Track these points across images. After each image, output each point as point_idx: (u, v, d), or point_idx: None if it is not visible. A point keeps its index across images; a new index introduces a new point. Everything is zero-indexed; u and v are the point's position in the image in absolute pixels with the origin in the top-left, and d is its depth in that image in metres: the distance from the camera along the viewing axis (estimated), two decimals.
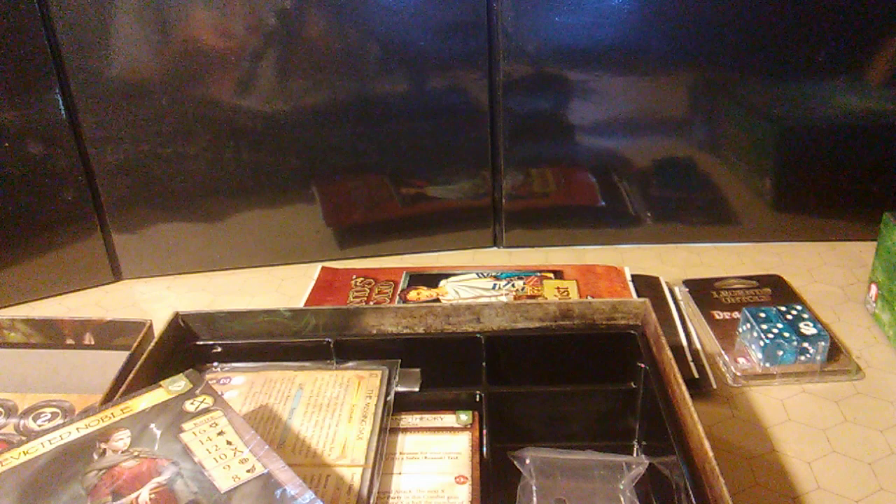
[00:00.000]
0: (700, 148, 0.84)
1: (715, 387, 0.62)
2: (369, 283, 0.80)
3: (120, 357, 0.57)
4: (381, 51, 0.78)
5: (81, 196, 0.79)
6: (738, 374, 0.63)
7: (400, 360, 0.57)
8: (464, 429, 0.54)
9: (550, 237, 0.89)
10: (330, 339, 0.59)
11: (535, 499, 0.48)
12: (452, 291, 0.77)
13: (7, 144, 0.74)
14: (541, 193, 0.87)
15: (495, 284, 0.78)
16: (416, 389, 0.56)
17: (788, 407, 0.60)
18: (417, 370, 0.57)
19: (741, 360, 0.65)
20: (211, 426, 0.47)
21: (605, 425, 0.55)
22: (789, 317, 0.65)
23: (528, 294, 0.75)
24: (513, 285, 0.77)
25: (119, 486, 0.43)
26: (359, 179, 0.85)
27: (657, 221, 0.88)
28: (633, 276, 0.79)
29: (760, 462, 0.54)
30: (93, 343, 0.64)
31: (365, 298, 0.77)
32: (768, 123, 0.83)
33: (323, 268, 0.85)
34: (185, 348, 0.59)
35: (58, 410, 0.58)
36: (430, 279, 0.80)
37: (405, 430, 0.54)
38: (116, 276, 0.86)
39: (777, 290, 0.76)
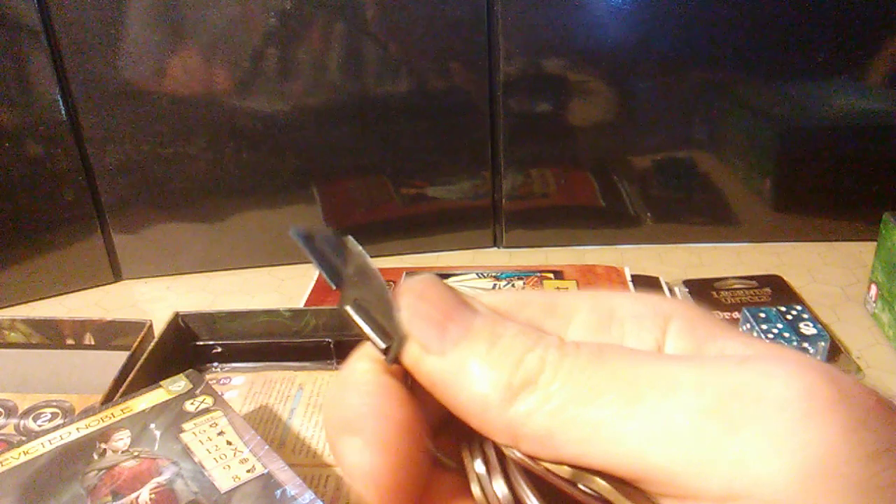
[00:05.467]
0: (700, 148, 0.84)
1: None
2: None
3: (120, 357, 0.57)
4: (381, 51, 0.78)
5: (81, 196, 0.79)
6: None
7: None
8: None
9: (550, 237, 0.89)
10: (330, 339, 0.59)
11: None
12: None
13: (7, 144, 0.74)
14: (541, 193, 0.87)
15: (495, 285, 0.78)
16: None
17: None
18: None
19: None
20: (211, 426, 0.47)
21: None
22: (789, 317, 0.65)
23: None
24: (513, 285, 0.77)
25: (119, 486, 0.43)
26: (359, 179, 0.85)
27: (657, 221, 0.88)
28: (633, 276, 0.79)
29: None
30: (93, 343, 0.64)
31: None
32: (768, 123, 0.83)
33: None
34: (185, 348, 0.59)
35: (58, 410, 0.58)
36: None
37: None
38: (116, 276, 0.86)
39: (777, 291, 0.76)
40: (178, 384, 0.51)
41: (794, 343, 0.62)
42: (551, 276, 0.79)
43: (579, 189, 0.87)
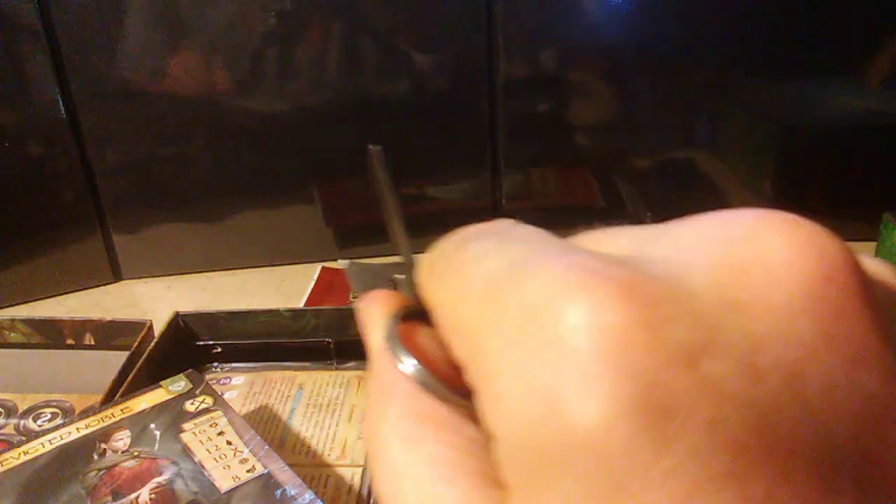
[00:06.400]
0: (700, 148, 0.84)
1: None
2: None
3: (120, 357, 0.57)
4: (381, 51, 0.78)
5: (81, 196, 0.79)
6: None
7: None
8: None
9: None
10: (330, 339, 0.59)
11: None
12: None
13: (7, 144, 0.74)
14: (541, 193, 0.87)
15: None
16: None
17: None
18: None
19: None
20: (211, 426, 0.47)
21: None
22: None
23: None
24: None
25: (119, 485, 0.43)
26: (359, 179, 0.85)
27: (657, 221, 0.88)
28: None
29: None
30: (93, 343, 0.64)
31: None
32: (768, 123, 0.83)
33: (323, 268, 0.84)
34: (185, 348, 0.59)
35: (58, 410, 0.58)
36: None
37: None
38: (116, 276, 0.86)
39: None
40: (178, 384, 0.51)
41: None
42: None
43: (579, 189, 0.87)
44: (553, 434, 0.11)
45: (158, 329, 0.58)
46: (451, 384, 0.16)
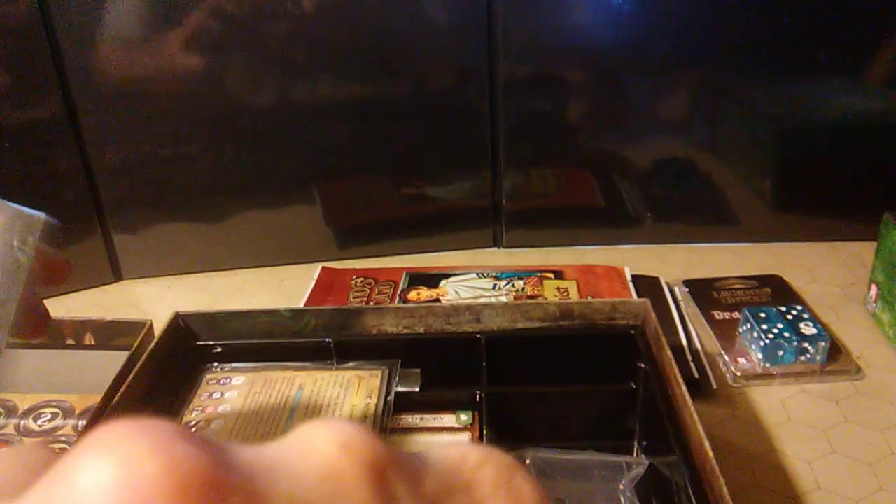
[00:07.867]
0: (700, 148, 0.84)
1: (715, 387, 0.62)
2: (369, 284, 0.80)
3: (120, 357, 0.57)
4: (381, 51, 0.78)
5: (81, 196, 0.79)
6: (738, 374, 0.63)
7: (400, 361, 0.57)
8: (464, 429, 0.54)
9: (550, 237, 0.89)
10: (330, 340, 0.59)
11: None
12: (452, 291, 0.77)
13: (7, 144, 0.74)
14: (541, 193, 0.87)
15: (495, 285, 0.78)
16: (417, 389, 0.56)
17: (788, 407, 0.60)
18: (417, 370, 0.57)
19: (741, 360, 0.65)
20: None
21: (605, 425, 0.55)
22: (789, 317, 0.65)
23: (529, 294, 0.75)
24: (513, 285, 0.77)
25: None
26: (359, 179, 0.85)
27: (657, 221, 0.88)
28: (633, 277, 0.79)
29: (760, 462, 0.54)
30: (93, 343, 0.64)
31: (365, 298, 0.77)
32: (768, 123, 0.83)
33: (323, 268, 0.84)
34: (185, 348, 0.59)
35: (58, 410, 0.58)
36: (431, 279, 0.79)
37: (405, 430, 0.54)
38: (116, 276, 0.86)
39: (777, 290, 0.76)
40: None
41: (794, 343, 0.62)
42: (551, 276, 0.79)
43: (579, 189, 0.87)
44: None
45: (158, 329, 0.58)
46: None
